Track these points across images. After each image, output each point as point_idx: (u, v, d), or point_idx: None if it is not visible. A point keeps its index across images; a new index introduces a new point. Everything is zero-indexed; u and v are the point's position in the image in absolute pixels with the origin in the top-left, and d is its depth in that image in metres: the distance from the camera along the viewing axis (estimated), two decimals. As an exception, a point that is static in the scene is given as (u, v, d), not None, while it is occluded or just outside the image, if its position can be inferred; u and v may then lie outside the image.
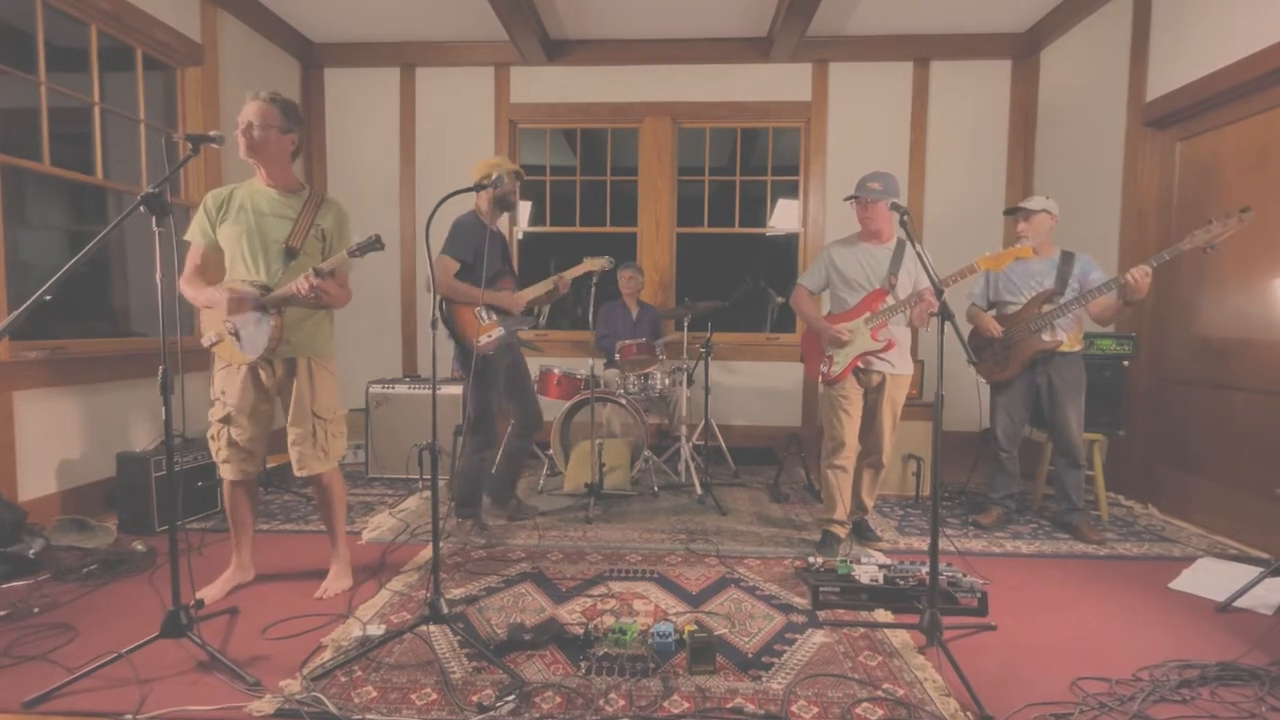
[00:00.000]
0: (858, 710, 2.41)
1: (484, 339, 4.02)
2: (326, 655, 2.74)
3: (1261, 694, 2.52)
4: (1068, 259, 4.23)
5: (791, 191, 6.94)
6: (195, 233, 3.14)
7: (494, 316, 4.07)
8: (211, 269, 3.17)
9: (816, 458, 4.16)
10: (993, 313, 4.44)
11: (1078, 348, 4.28)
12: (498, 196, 4.08)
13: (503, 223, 4.22)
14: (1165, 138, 4.93)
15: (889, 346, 3.82)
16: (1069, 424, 4.24)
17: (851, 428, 3.90)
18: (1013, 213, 4.36)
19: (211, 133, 2.71)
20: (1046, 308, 4.19)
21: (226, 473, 3.24)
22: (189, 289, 3.09)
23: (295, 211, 3.16)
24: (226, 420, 3.18)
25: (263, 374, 3.19)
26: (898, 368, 3.90)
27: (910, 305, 3.73)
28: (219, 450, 3.22)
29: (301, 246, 3.13)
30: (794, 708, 2.41)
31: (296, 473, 3.28)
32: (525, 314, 4.15)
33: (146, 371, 4.79)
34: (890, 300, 3.81)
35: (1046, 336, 4.21)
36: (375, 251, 2.98)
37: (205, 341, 3.14)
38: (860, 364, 3.88)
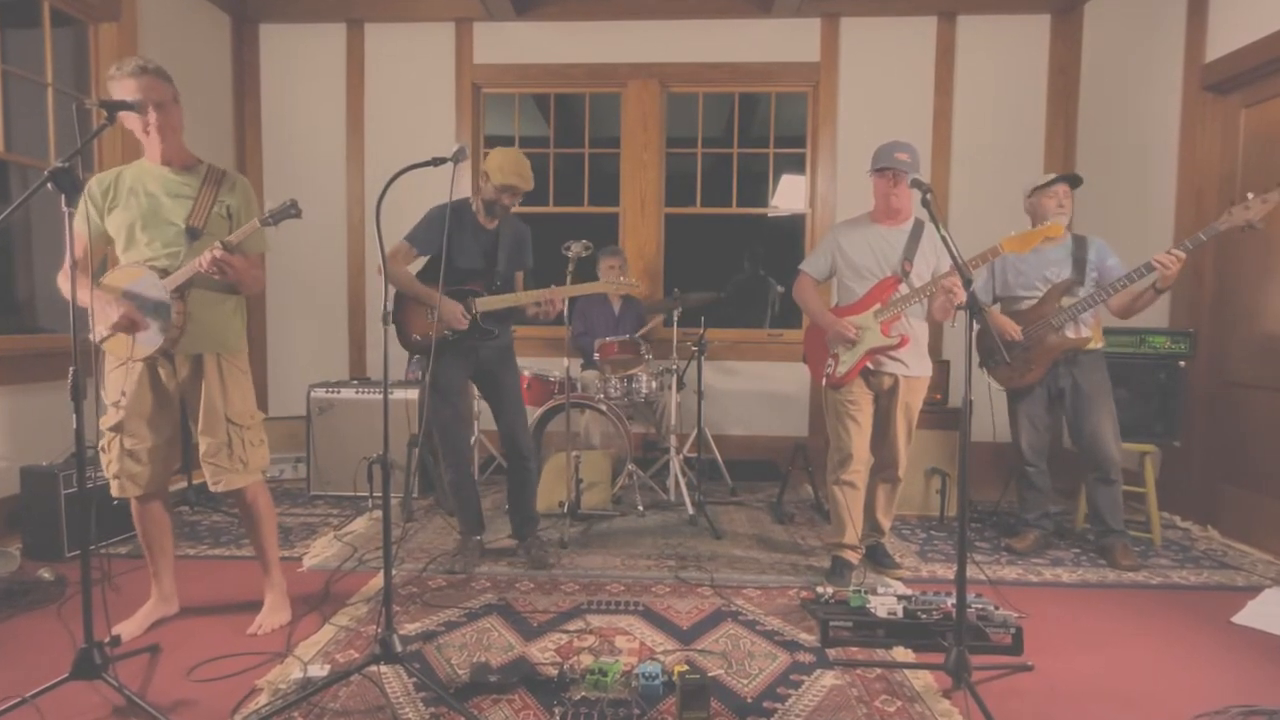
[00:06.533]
0: (871, 760, 2.43)
1: (416, 336, 4.07)
2: (262, 699, 2.74)
3: (1332, 741, 2.56)
4: (1081, 244, 4.30)
5: (797, 166, 6.97)
6: (79, 222, 3.10)
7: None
8: (97, 262, 3.17)
9: (825, 472, 4.18)
10: (997, 308, 4.48)
11: (1100, 344, 4.34)
12: (484, 200, 4.07)
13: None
14: (1228, 104, 4.98)
15: (902, 343, 3.83)
16: (1102, 433, 4.28)
17: (860, 437, 3.93)
18: (1067, 181, 4.32)
19: (129, 98, 2.71)
20: (1067, 300, 4.24)
21: (118, 489, 3.21)
22: (70, 284, 3.08)
23: (194, 190, 3.18)
24: (119, 428, 3.16)
25: (162, 373, 3.19)
26: (912, 368, 3.91)
27: (926, 295, 3.76)
28: (110, 463, 3.20)
29: (205, 227, 3.14)
30: (798, 758, 2.44)
31: (212, 488, 3.28)
32: (477, 324, 4.02)
33: (55, 373, 4.79)
34: (904, 289, 3.83)
35: (1071, 333, 4.25)
36: (291, 219, 3.01)
37: (95, 337, 3.11)
38: (869, 364, 3.89)
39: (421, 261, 4.07)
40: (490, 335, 4.07)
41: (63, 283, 3.09)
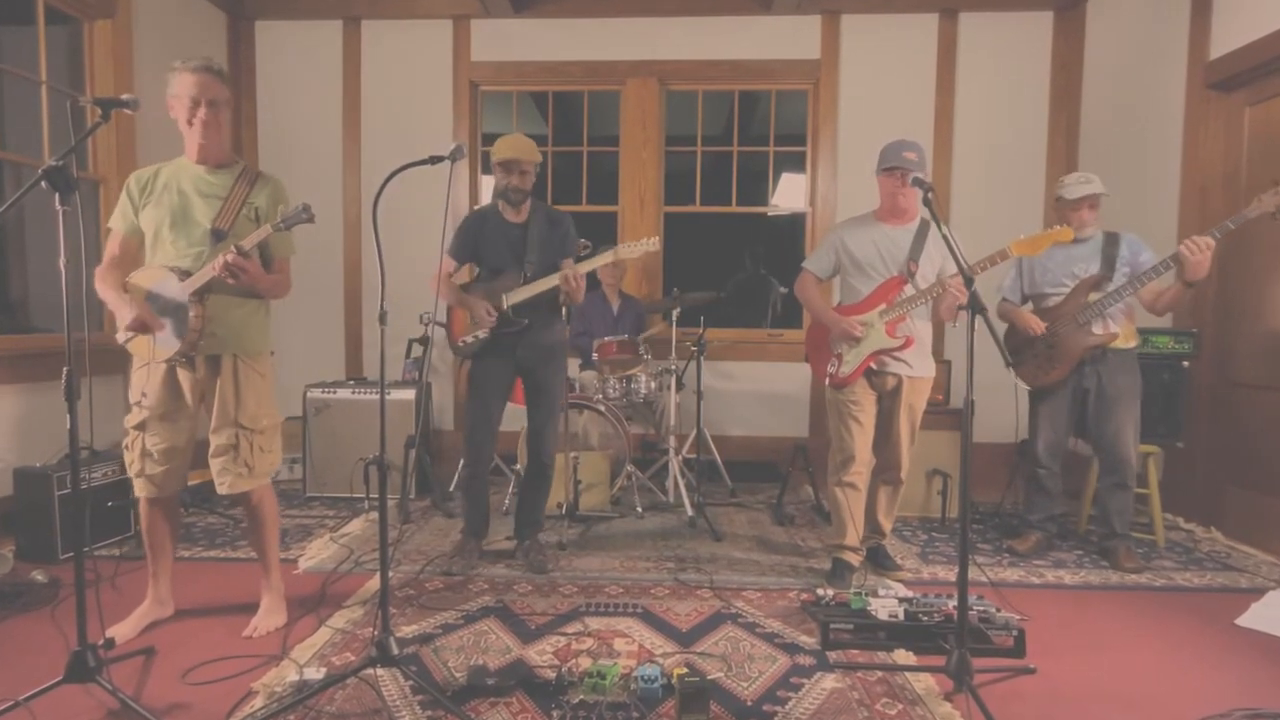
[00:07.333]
0: (871, 763, 2.43)
1: (460, 340, 4.12)
2: (257, 703, 2.74)
3: (1336, 744, 2.56)
4: (1112, 240, 4.27)
5: (797, 164, 6.97)
6: (116, 218, 3.21)
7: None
8: (131, 258, 3.22)
9: (825, 473, 4.18)
10: (1028, 307, 4.47)
11: (1132, 344, 4.31)
12: (499, 192, 4.11)
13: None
14: (1232, 102, 4.98)
15: (907, 344, 3.83)
16: (1122, 436, 4.27)
17: (863, 438, 3.93)
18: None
19: (124, 96, 2.70)
20: (1094, 296, 4.22)
21: (141, 488, 3.25)
22: (103, 285, 3.14)
23: (225, 190, 3.20)
24: (142, 426, 3.19)
25: (183, 375, 3.20)
26: (916, 369, 3.91)
27: (931, 297, 3.76)
28: (133, 462, 3.23)
29: (231, 228, 3.15)
30: (798, 761, 2.44)
31: (218, 489, 3.29)
32: (509, 317, 4.06)
33: (49, 374, 4.76)
34: (909, 290, 3.83)
35: (1098, 329, 4.24)
36: (304, 223, 3.00)
37: (120, 337, 3.15)
38: (873, 364, 3.89)
39: (466, 271, 4.15)
40: (524, 328, 4.09)
41: (99, 283, 3.16)
